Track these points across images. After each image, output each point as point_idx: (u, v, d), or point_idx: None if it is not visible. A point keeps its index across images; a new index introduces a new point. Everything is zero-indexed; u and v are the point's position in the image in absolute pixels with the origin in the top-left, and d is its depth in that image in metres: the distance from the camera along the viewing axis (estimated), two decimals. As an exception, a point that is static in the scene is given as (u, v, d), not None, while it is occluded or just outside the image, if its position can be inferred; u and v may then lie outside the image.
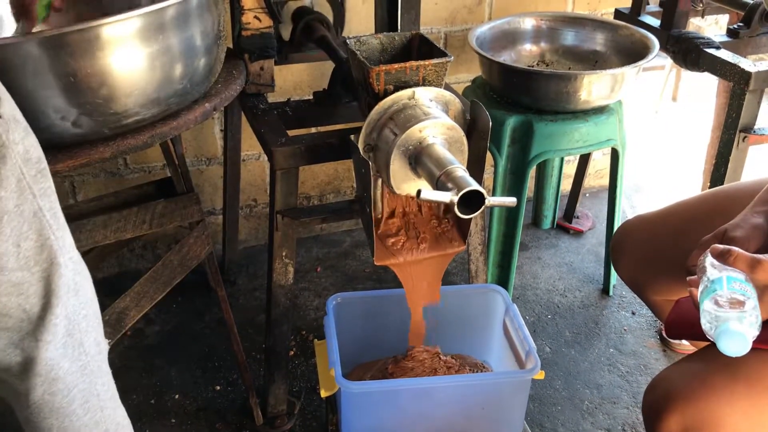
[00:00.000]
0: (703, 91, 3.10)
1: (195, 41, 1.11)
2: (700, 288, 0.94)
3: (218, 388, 1.69)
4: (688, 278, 1.02)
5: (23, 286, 0.75)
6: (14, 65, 0.93)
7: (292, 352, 1.77)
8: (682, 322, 1.12)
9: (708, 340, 0.91)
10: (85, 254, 1.42)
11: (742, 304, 0.88)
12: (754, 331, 0.87)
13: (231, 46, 1.53)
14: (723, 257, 0.95)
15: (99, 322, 0.87)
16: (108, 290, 1.89)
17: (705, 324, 0.90)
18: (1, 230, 0.71)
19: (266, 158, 2.02)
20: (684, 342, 1.77)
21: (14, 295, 0.74)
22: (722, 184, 1.70)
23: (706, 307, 0.90)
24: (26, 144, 0.75)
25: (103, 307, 1.26)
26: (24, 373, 0.79)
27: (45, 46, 0.94)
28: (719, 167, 1.73)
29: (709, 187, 1.75)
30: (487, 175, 2.17)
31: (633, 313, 1.92)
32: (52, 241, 0.77)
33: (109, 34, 0.97)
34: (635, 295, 1.50)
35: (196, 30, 1.10)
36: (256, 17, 1.37)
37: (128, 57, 1.01)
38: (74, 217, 1.28)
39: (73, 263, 0.82)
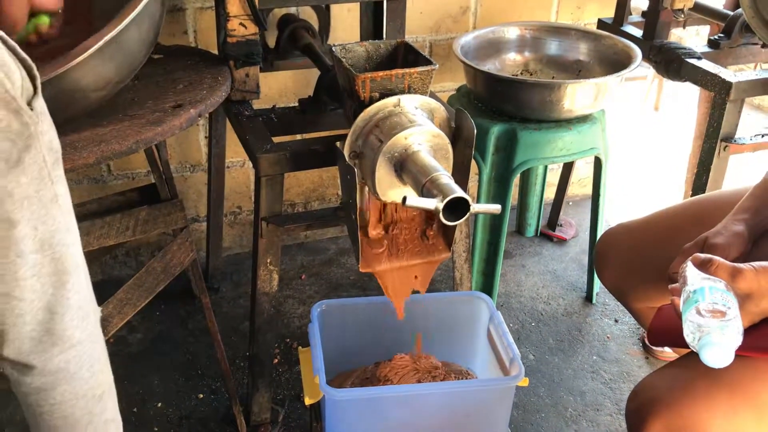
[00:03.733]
0: (685, 100, 3.14)
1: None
2: (682, 298, 0.95)
3: (201, 396, 1.68)
4: (669, 286, 1.03)
5: (36, 268, 0.81)
6: None
7: (276, 360, 1.76)
8: (665, 330, 1.13)
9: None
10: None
11: (723, 314, 0.89)
12: (736, 342, 0.88)
13: (216, 52, 1.53)
14: (704, 266, 0.96)
15: (92, 292, 0.94)
16: (90, 297, 1.89)
17: (688, 335, 0.91)
18: (21, 215, 0.77)
19: (251, 165, 2.01)
20: (666, 349, 1.78)
21: (29, 277, 0.81)
22: (704, 192, 1.72)
23: (689, 317, 0.91)
24: (50, 135, 0.82)
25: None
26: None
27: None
28: (701, 176, 1.75)
29: (691, 196, 1.77)
30: (472, 182, 2.18)
31: (616, 321, 1.94)
32: (61, 224, 0.84)
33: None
34: (618, 303, 1.51)
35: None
36: (241, 24, 1.37)
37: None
38: (56, 223, 1.27)
39: (79, 242, 0.89)
